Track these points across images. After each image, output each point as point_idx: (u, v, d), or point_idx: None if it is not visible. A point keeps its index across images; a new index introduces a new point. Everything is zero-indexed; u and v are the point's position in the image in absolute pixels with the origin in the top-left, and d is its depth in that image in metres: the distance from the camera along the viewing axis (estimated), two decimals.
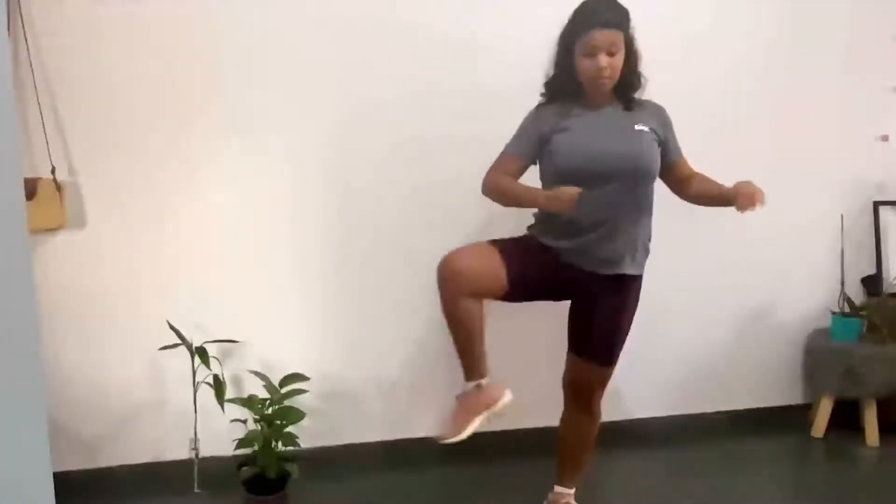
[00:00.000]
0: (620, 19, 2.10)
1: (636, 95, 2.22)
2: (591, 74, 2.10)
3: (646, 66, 2.22)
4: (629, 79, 2.17)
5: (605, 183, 2.09)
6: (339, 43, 2.62)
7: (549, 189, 2.13)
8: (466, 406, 2.16)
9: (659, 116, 2.23)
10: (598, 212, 2.11)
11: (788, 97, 3.08)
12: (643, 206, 2.20)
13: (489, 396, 2.15)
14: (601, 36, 2.06)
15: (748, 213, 2.02)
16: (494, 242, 2.18)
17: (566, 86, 2.19)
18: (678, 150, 2.28)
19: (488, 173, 2.24)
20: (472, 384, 2.17)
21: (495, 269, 2.09)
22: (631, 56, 2.15)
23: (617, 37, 2.08)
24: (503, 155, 2.24)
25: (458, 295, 2.08)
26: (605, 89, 2.13)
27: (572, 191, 2.01)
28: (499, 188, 2.20)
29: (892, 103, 3.23)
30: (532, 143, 2.20)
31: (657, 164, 2.17)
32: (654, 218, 2.26)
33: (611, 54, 2.08)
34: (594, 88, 2.14)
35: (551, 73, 2.23)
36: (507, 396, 2.16)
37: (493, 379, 2.95)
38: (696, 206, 2.30)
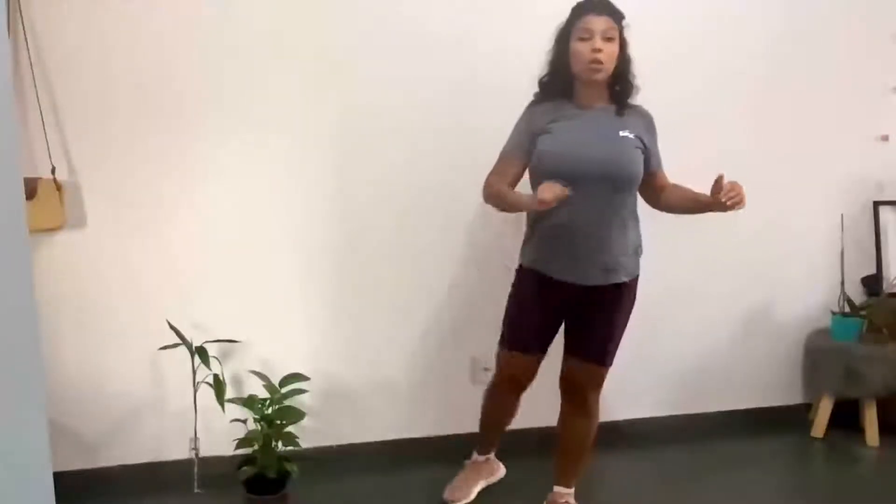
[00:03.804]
0: (616, 13, 2.12)
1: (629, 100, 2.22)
2: (586, 58, 2.09)
3: (645, 68, 2.23)
4: (623, 80, 2.17)
5: (586, 186, 2.10)
6: (340, 43, 2.62)
7: (533, 189, 2.17)
8: (476, 472, 2.60)
9: (646, 124, 2.23)
10: (583, 216, 2.12)
11: (788, 97, 3.08)
12: (628, 211, 2.20)
13: (492, 468, 2.64)
14: (597, 20, 2.09)
15: (736, 210, 2.01)
16: (506, 344, 2.39)
17: (560, 84, 2.20)
18: (659, 161, 2.28)
19: (486, 179, 2.26)
20: (483, 456, 2.62)
21: (529, 365, 2.37)
22: (624, 57, 2.15)
23: (612, 25, 2.10)
24: (500, 158, 2.26)
25: (513, 393, 2.46)
26: (598, 77, 2.12)
27: (555, 188, 1.98)
28: (493, 195, 2.24)
29: (892, 103, 3.23)
30: (525, 144, 2.22)
31: (639, 171, 2.18)
32: (654, 217, 2.27)
33: (606, 40, 2.09)
34: (588, 77, 2.12)
35: (546, 71, 2.24)
36: (503, 471, 2.66)
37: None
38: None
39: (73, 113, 2.41)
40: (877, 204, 3.28)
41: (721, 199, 1.98)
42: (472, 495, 2.54)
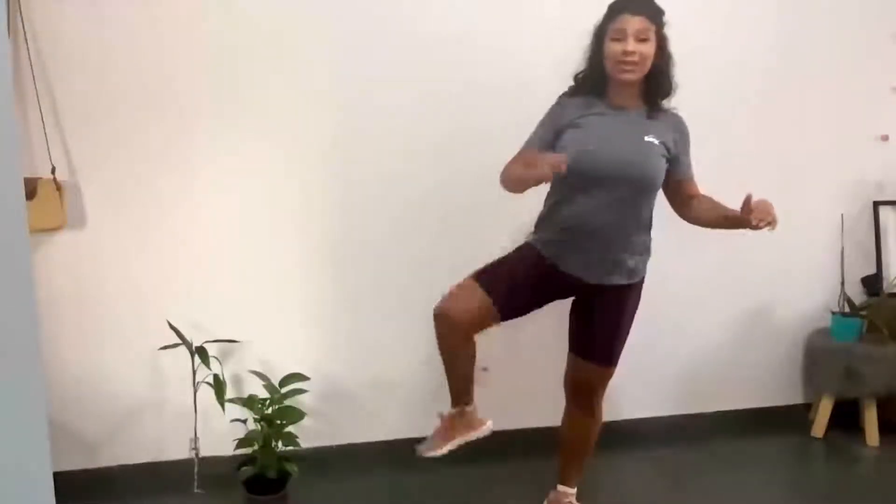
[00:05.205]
0: (653, 11, 2.09)
1: (664, 102, 2.19)
2: (617, 58, 2.06)
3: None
4: (658, 79, 2.13)
5: (603, 188, 2.09)
6: (341, 43, 2.62)
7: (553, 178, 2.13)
8: (450, 427, 2.30)
9: (677, 131, 2.20)
10: (599, 215, 2.11)
11: (788, 97, 3.08)
12: (643, 216, 2.19)
13: (470, 423, 2.30)
14: (631, 21, 2.04)
15: (765, 231, 2.00)
16: (479, 275, 2.18)
17: (593, 79, 2.16)
18: (689, 169, 2.25)
19: (505, 165, 2.20)
20: (456, 409, 2.30)
21: (483, 307, 2.14)
22: (662, 56, 2.11)
23: (648, 25, 2.06)
24: (522, 148, 2.22)
25: (454, 337, 2.18)
26: (629, 78, 2.09)
27: (553, 157, 1.96)
28: (506, 176, 2.18)
29: (892, 103, 3.23)
30: (547, 137, 2.18)
31: (660, 177, 2.16)
32: (655, 217, 2.26)
33: (640, 41, 2.05)
34: (619, 77, 2.09)
35: (582, 68, 2.20)
36: (487, 428, 2.32)
37: (494, 379, 2.95)
38: None
39: (73, 113, 2.41)
40: (877, 204, 3.28)
41: (752, 221, 1.98)
42: (444, 450, 2.29)
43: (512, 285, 2.17)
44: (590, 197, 2.10)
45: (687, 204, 2.25)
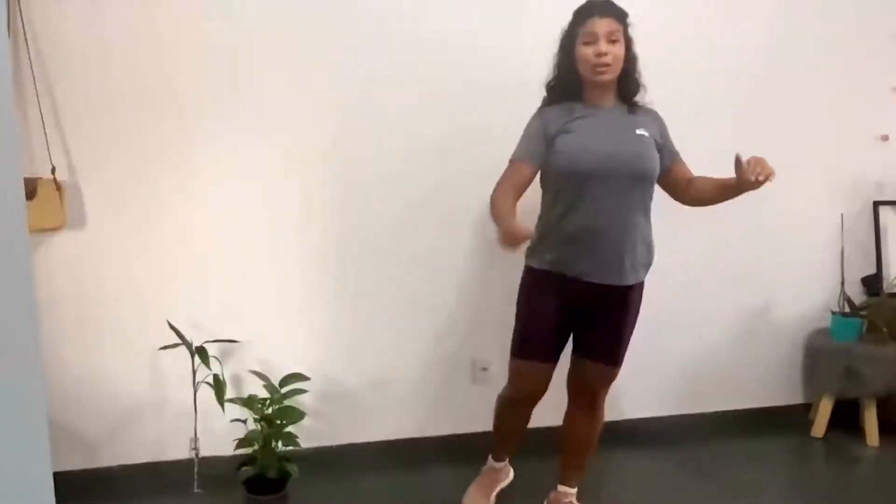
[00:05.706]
0: (619, 13, 2.13)
1: (636, 100, 2.22)
2: (591, 61, 2.09)
3: (644, 67, 2.22)
4: (629, 79, 2.18)
5: (605, 185, 2.10)
6: (342, 43, 2.62)
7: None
8: (492, 479, 2.55)
9: (657, 122, 2.25)
10: (606, 214, 2.12)
11: (788, 97, 3.08)
12: (643, 211, 2.20)
13: (505, 474, 2.58)
14: (601, 23, 2.08)
15: (766, 184, 1.97)
16: (516, 351, 2.30)
17: (567, 86, 2.19)
18: (676, 154, 2.28)
19: (495, 189, 2.19)
20: (501, 463, 2.56)
21: (542, 373, 2.28)
22: (629, 56, 2.15)
23: (616, 27, 2.10)
24: (511, 164, 2.21)
25: (524, 406, 2.38)
26: (605, 79, 2.12)
27: (522, 232, 1.96)
28: (494, 204, 2.16)
29: (892, 103, 3.23)
30: (539, 146, 2.18)
31: (657, 167, 2.19)
32: (655, 217, 2.26)
33: (611, 42, 2.08)
34: (594, 79, 2.12)
35: (552, 75, 2.23)
36: (512, 474, 2.61)
37: (494, 379, 2.96)
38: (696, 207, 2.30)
39: (73, 113, 2.41)
40: (877, 204, 3.28)
41: (750, 178, 1.95)
42: (491, 503, 2.50)
43: (545, 333, 2.25)
44: (594, 199, 2.11)
45: (686, 188, 2.26)
